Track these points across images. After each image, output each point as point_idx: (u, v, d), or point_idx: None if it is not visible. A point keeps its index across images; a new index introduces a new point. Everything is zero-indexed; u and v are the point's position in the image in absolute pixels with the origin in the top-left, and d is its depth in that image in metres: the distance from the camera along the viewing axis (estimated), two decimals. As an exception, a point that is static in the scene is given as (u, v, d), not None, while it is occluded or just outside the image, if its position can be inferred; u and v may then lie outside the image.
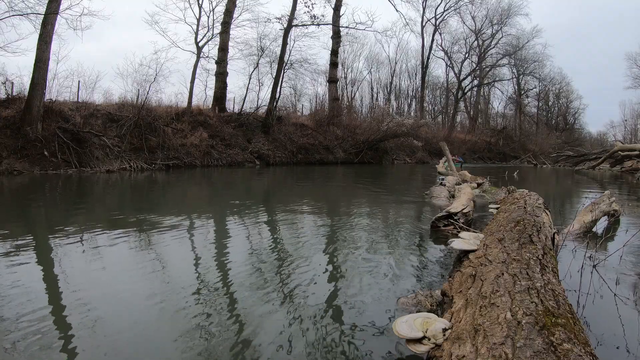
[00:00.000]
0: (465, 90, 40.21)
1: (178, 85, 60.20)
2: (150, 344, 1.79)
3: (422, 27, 36.19)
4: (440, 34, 37.83)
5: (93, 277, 2.65)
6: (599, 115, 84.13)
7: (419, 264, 3.08)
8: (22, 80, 13.75)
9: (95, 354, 1.68)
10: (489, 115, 44.97)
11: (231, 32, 20.88)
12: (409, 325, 1.59)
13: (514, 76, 42.20)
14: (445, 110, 41.58)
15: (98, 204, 6.35)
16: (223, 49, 20.52)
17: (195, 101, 19.25)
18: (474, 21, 38.58)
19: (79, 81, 15.32)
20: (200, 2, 20.06)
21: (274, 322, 2.01)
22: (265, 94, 25.70)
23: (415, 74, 39.46)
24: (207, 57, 20.60)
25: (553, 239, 2.97)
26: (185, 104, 18.40)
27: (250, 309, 2.16)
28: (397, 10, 50.41)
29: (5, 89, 13.53)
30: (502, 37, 39.27)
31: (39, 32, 12.32)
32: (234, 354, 1.70)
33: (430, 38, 36.73)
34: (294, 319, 2.04)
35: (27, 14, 12.89)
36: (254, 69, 21.15)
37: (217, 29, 20.52)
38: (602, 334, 1.89)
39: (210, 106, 20.10)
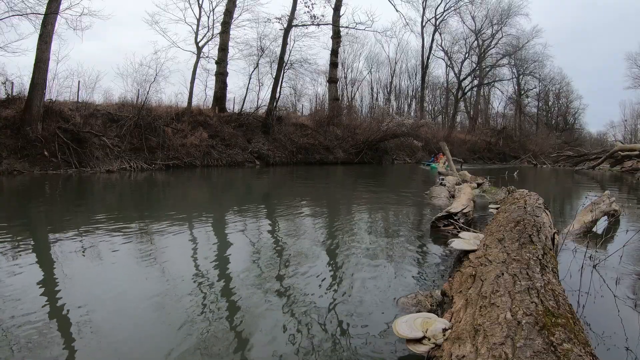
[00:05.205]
0: (465, 90, 40.18)
1: (178, 85, 60.22)
2: (150, 344, 1.79)
3: (422, 27, 36.17)
4: (440, 34, 37.81)
5: (93, 277, 2.65)
6: (599, 115, 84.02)
7: (419, 264, 3.08)
8: (22, 80, 13.73)
9: (95, 354, 1.68)
10: (489, 115, 44.89)
11: (231, 32, 20.85)
12: (409, 325, 1.59)
13: (514, 76, 42.17)
14: (445, 110, 41.56)
15: (98, 204, 6.35)
16: (223, 49, 20.50)
17: (195, 101, 19.24)
18: (474, 21, 38.55)
19: (79, 81, 15.27)
20: (200, 2, 20.05)
21: (274, 322, 2.01)
22: (265, 94, 25.69)
23: (415, 74, 39.46)
24: (207, 57, 20.59)
25: (553, 239, 2.97)
26: (185, 104, 18.38)
27: (251, 309, 2.16)
28: (397, 10, 50.22)
29: (5, 89, 13.51)
30: (502, 37, 39.24)
31: (39, 32, 12.30)
32: (234, 354, 1.70)
33: (430, 38, 36.73)
34: (294, 320, 2.04)
35: (27, 14, 12.88)
36: (254, 69, 21.13)
37: (217, 29, 20.51)
38: (602, 334, 1.89)
39: (210, 106, 20.08)
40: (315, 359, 1.69)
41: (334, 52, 24.93)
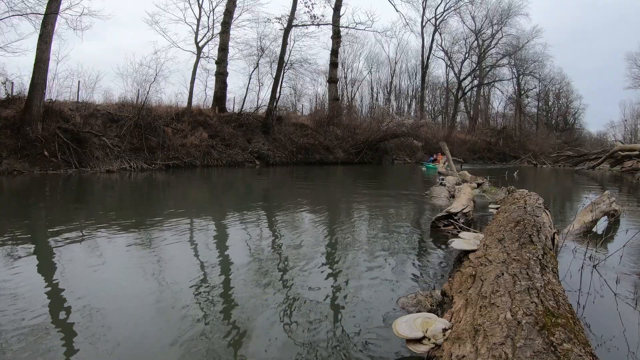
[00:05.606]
0: (465, 90, 40.19)
1: (178, 85, 60.19)
2: (151, 342, 1.79)
3: (422, 27, 36.19)
4: (440, 34, 37.82)
5: (92, 276, 2.65)
6: (599, 115, 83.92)
7: (419, 264, 3.08)
8: (22, 80, 13.72)
9: (95, 354, 1.68)
10: (489, 115, 44.88)
11: (231, 32, 20.86)
12: (409, 325, 1.59)
13: (514, 76, 42.17)
14: (445, 110, 41.56)
15: (98, 205, 6.35)
16: (223, 49, 20.50)
17: (195, 101, 19.24)
18: (474, 21, 38.57)
19: (79, 81, 15.26)
20: (200, 2, 20.05)
21: (273, 322, 2.01)
22: (265, 94, 25.67)
23: (415, 74, 39.47)
24: (207, 57, 20.59)
25: (553, 239, 2.97)
26: (185, 104, 18.38)
27: (251, 309, 2.16)
28: (397, 10, 50.19)
29: (5, 89, 13.50)
30: (502, 37, 39.26)
31: (39, 32, 12.29)
32: (234, 353, 1.70)
33: (430, 38, 36.75)
34: (294, 319, 2.04)
35: (27, 14, 12.87)
36: (254, 69, 21.13)
37: (217, 29, 20.51)
38: (602, 334, 1.89)
39: (210, 106, 20.08)
40: (315, 359, 1.69)
41: (334, 52, 24.92)
